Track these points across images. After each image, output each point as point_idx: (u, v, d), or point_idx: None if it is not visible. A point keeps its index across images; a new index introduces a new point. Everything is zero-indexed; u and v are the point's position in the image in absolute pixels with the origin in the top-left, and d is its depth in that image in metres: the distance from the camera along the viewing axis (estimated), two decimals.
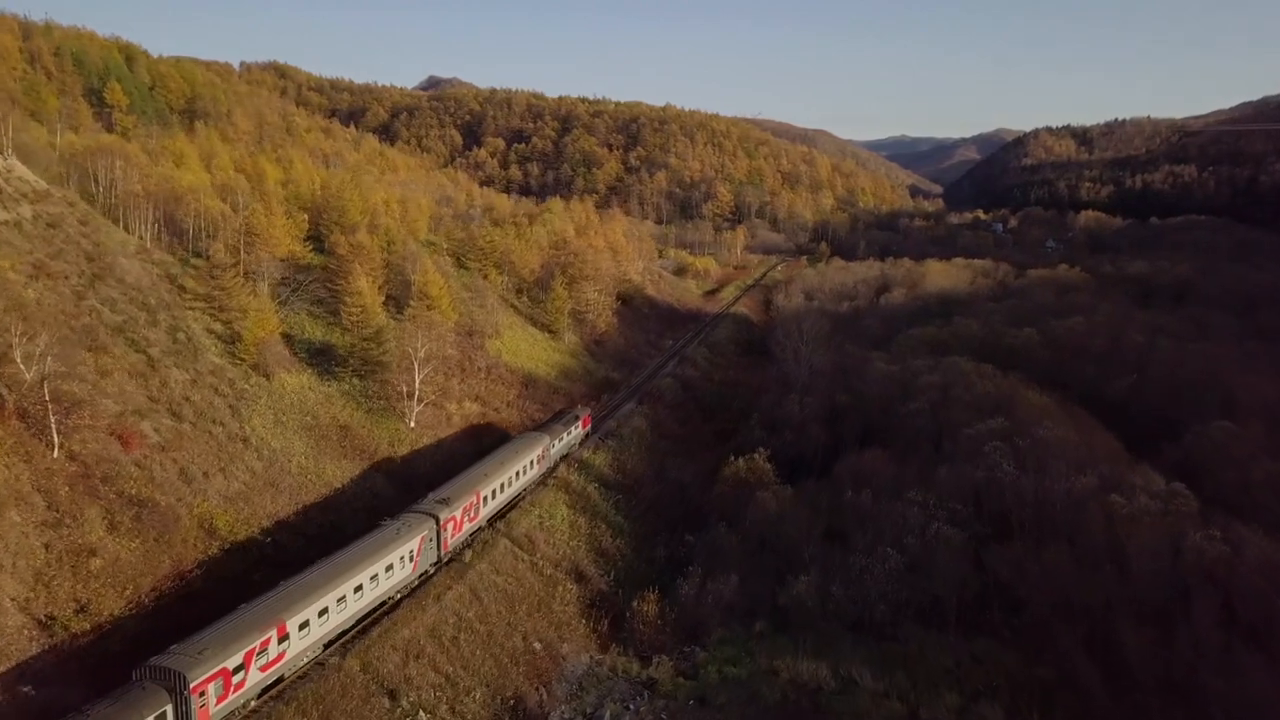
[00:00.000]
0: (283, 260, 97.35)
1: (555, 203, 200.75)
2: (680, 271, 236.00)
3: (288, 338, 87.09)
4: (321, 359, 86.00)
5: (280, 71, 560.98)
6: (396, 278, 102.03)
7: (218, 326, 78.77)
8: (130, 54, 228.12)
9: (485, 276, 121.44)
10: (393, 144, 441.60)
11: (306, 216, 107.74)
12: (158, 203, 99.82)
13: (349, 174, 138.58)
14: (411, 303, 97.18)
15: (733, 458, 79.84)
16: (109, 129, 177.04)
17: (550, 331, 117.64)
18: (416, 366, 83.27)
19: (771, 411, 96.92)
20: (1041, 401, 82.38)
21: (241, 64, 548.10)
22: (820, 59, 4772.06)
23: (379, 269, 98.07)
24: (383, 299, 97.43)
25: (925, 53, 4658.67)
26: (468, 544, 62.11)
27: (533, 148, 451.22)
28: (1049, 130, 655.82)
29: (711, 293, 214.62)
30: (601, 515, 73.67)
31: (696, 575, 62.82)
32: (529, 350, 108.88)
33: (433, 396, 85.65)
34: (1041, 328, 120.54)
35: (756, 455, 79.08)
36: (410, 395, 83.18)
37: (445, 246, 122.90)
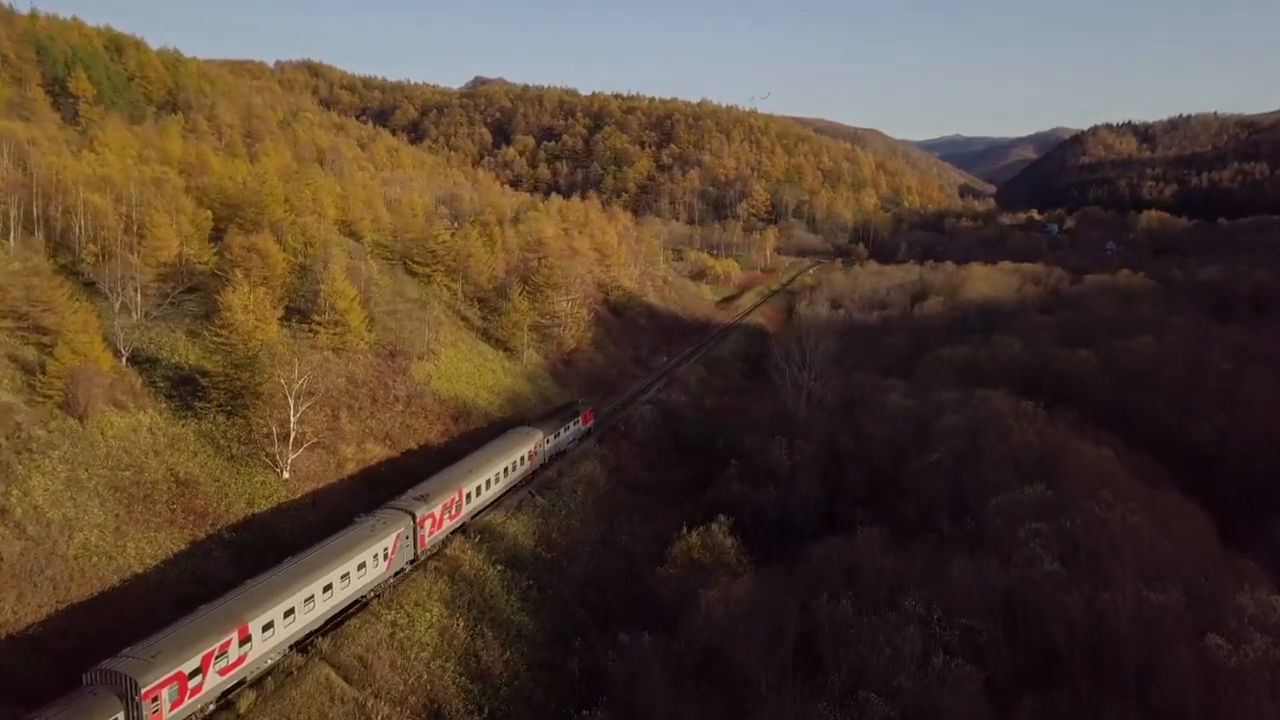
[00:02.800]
0: (167, 265, 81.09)
1: (543, 200, 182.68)
2: (698, 275, 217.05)
3: (151, 362, 70.39)
4: (186, 390, 68.76)
5: (314, 70, 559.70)
6: (310, 288, 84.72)
7: (28, 352, 61.75)
8: (120, 45, 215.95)
9: (430, 282, 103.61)
10: (420, 142, 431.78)
11: (211, 213, 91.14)
12: (37, 198, 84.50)
13: (292, 165, 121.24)
14: (315, 318, 79.73)
15: (684, 530, 60.60)
16: (72, 120, 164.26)
17: (507, 349, 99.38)
18: (292, 401, 65.61)
19: (756, 457, 77.55)
20: (1099, 460, 61.73)
21: (276, 62, 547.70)
22: (871, 58, 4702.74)
23: (280, 276, 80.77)
24: (280, 313, 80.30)
25: (980, 50, 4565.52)
26: (446, 541, 60.40)
27: (563, 146, 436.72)
28: (1109, 127, 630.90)
29: (729, 299, 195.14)
30: (494, 613, 54.92)
31: None
32: (471, 373, 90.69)
33: (315, 438, 67.86)
34: (1100, 348, 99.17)
35: (715, 526, 59.90)
36: (284, 437, 65.57)
37: (379, 248, 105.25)
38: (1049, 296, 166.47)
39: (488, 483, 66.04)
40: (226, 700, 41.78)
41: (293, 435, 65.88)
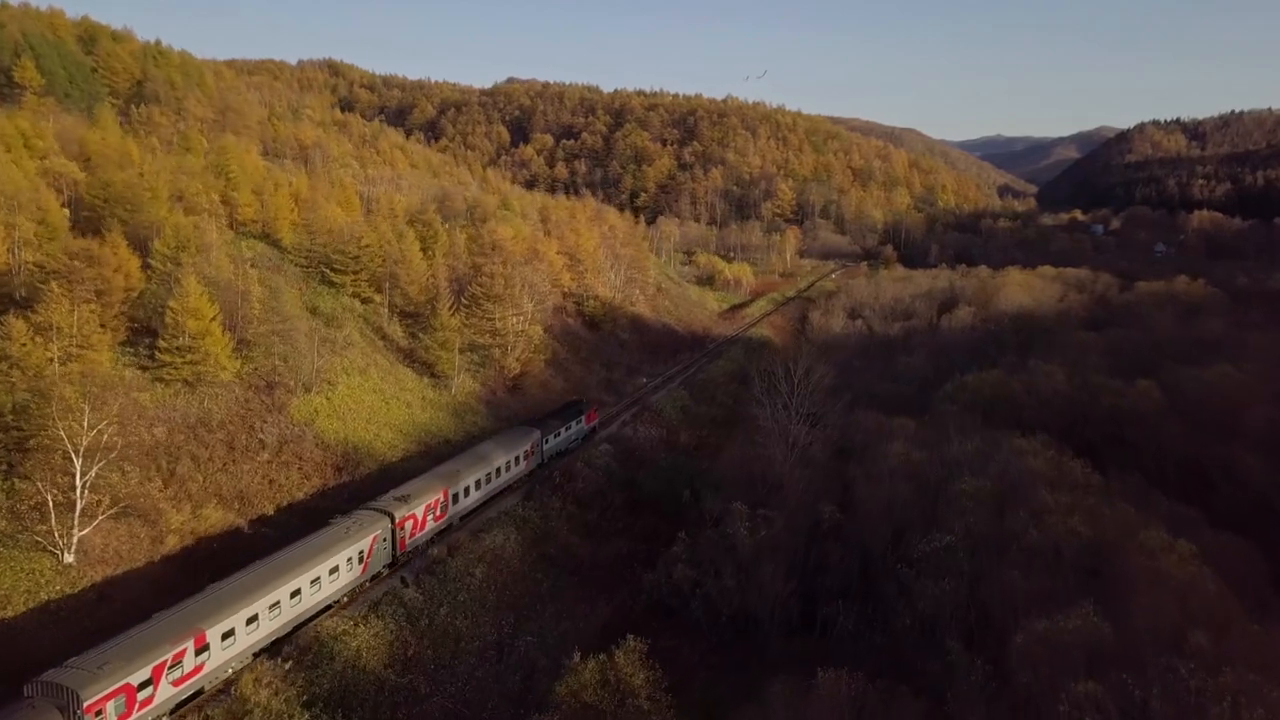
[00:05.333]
0: None
1: (521, 197, 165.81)
2: (706, 281, 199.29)
3: None
4: None
5: (334, 69, 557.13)
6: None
7: None
8: (94, 34, 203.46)
9: (342, 292, 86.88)
10: (437, 141, 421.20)
11: (68, 213, 75.49)
12: None
13: (211, 157, 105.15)
14: (161, 343, 63.23)
15: (576, 656, 42.78)
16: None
17: (433, 375, 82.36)
18: (78, 460, 48.97)
19: (714, 526, 59.72)
20: (1178, 565, 42.46)
21: (299, 61, 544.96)
22: (910, 58, 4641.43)
23: (119, 290, 64.47)
24: (122, 336, 64.15)
25: (1021, 48, 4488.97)
26: (431, 543, 57.87)
27: (582, 144, 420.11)
28: (1156, 124, 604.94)
29: (736, 308, 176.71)
30: None
31: None
32: (375, 408, 73.60)
33: (118, 507, 51.20)
34: (1164, 378, 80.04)
35: (622, 655, 42.02)
36: (70, 507, 48.99)
37: (297, 253, 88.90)
38: (1096, 306, 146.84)
39: (477, 483, 62.83)
40: (182, 712, 39.60)
41: (80, 505, 49.28)
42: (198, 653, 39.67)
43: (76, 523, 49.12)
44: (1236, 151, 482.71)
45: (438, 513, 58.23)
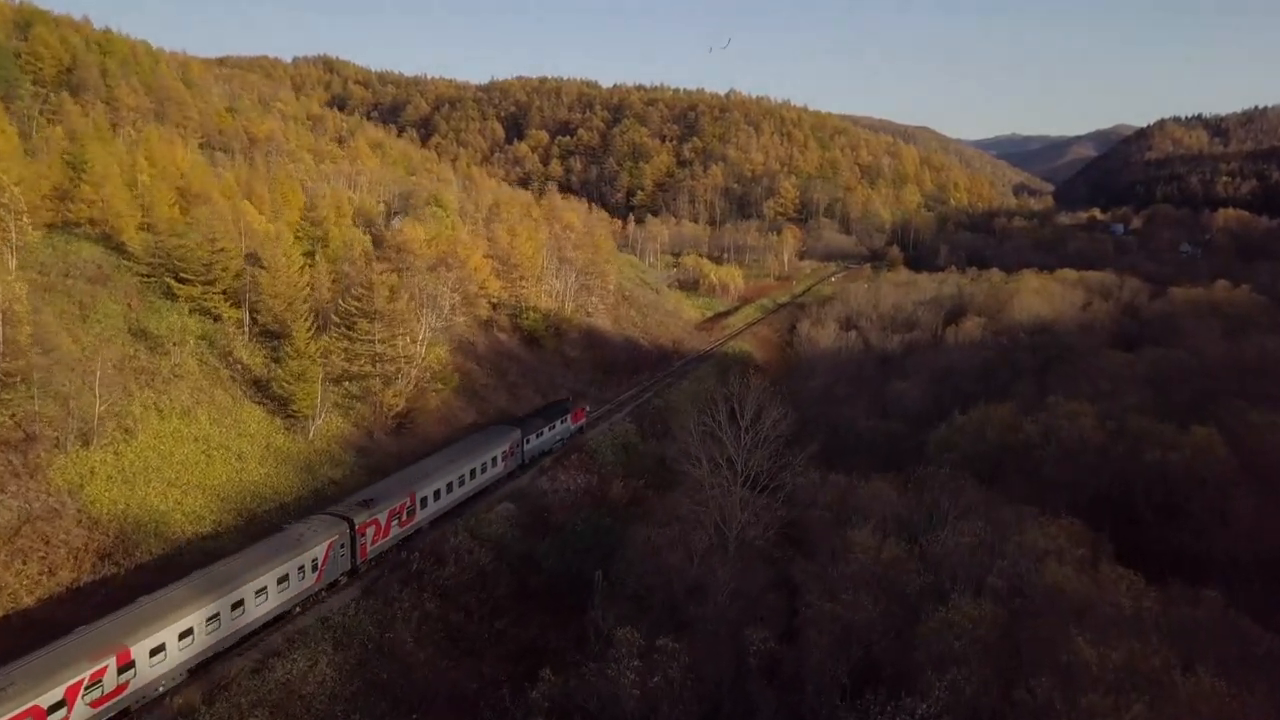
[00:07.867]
0: None
1: (471, 192, 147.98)
2: (692, 285, 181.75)
3: None
4: None
5: (329, 65, 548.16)
6: None
7: None
8: (29, 19, 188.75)
9: (179, 307, 69.37)
10: (430, 139, 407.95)
11: None
12: None
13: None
14: None
15: None
16: None
17: (289, 415, 64.85)
18: None
19: (591, 665, 41.99)
20: None
21: (294, 58, 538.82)
22: (923, 54, 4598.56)
23: None
24: None
25: (1036, 45, 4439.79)
26: (398, 548, 54.54)
27: (578, 141, 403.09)
28: (1177, 121, 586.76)
29: (719, 316, 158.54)
30: None
31: None
32: (188, 462, 56.02)
33: None
34: (1225, 421, 61.87)
35: None
36: None
37: (146, 258, 71.65)
38: (1124, 317, 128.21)
39: (449, 486, 60.32)
40: None
41: None
42: (121, 671, 36.69)
43: None
44: (1261, 148, 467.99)
45: (403, 518, 55.47)
